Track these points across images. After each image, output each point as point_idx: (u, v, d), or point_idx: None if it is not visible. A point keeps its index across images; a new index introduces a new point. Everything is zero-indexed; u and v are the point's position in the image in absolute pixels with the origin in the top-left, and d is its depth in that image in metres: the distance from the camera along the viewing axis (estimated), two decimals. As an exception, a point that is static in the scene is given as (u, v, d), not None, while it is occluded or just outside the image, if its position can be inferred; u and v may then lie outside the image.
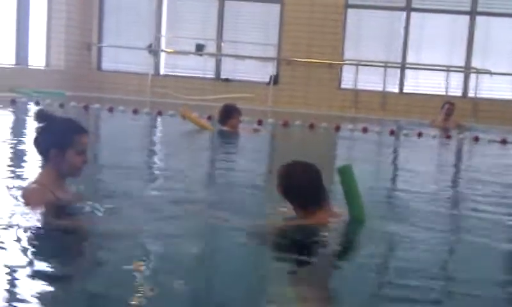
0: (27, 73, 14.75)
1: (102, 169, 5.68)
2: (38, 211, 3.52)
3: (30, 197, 3.64)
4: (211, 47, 16.32)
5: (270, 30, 16.07)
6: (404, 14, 15.78)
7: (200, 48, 16.14)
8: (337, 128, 10.86)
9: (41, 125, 3.79)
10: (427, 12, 15.74)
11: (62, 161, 3.69)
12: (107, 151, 7.10)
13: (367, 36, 15.98)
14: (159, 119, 11.16)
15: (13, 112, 10.69)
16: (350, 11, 15.86)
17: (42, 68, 15.60)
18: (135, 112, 11.30)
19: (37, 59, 15.41)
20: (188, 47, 16.15)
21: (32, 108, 11.27)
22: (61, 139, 3.69)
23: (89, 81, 15.92)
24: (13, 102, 11.39)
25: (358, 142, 10.14)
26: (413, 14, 15.76)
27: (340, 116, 13.81)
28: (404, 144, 10.19)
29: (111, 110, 11.35)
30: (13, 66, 14.43)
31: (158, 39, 16.47)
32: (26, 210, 3.55)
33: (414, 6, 15.72)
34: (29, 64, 15.09)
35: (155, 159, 7.17)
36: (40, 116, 3.80)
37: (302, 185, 3.67)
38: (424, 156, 9.05)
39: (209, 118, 10.18)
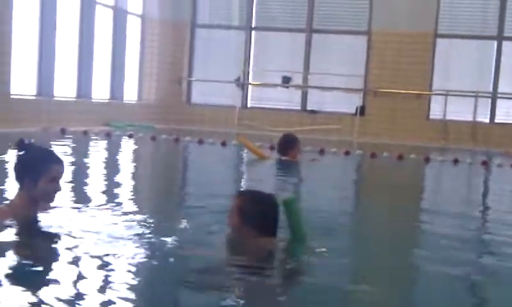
0: (121, 107, 15.33)
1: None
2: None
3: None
4: (297, 79, 16.45)
5: (357, 61, 16.05)
6: (496, 43, 15.42)
7: (286, 81, 16.31)
8: (427, 160, 10.66)
9: (19, 153, 3.98)
10: (519, 40, 15.34)
11: (34, 189, 3.88)
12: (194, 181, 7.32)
13: (456, 65, 15.70)
14: (245, 151, 11.27)
15: (107, 144, 11.16)
16: (439, 40, 15.64)
17: (134, 102, 16.18)
18: (223, 144, 11.50)
19: (130, 93, 16.00)
20: (275, 79, 16.35)
21: (125, 141, 11.69)
22: (33, 168, 3.87)
23: (179, 114, 16.35)
24: (108, 135, 11.85)
25: (449, 174, 9.92)
26: (504, 43, 15.37)
27: (429, 147, 13.54)
28: (498, 176, 9.89)
29: (200, 142, 11.61)
30: (107, 101, 15.04)
31: (245, 72, 16.77)
32: None
33: (506, 34, 15.34)
34: (124, 98, 15.69)
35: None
36: (18, 145, 3.99)
37: (268, 213, 3.81)
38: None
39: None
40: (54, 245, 3.68)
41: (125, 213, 4.65)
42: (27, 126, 11.25)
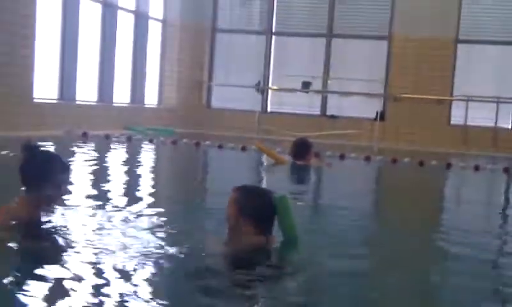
0: (141, 111, 15.42)
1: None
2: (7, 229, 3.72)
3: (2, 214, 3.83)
4: (317, 84, 16.44)
5: (377, 66, 16.01)
6: (518, 48, 15.32)
7: (306, 86, 16.31)
8: (448, 166, 10.60)
9: (26, 157, 3.94)
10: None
11: (40, 194, 3.88)
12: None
13: (477, 71, 15.59)
14: (264, 156, 11.26)
15: (128, 148, 11.23)
16: (460, 46, 15.56)
17: (155, 106, 16.27)
18: (243, 149, 11.51)
19: (150, 97, 16.10)
20: (295, 84, 16.36)
21: (146, 145, 11.75)
22: (42, 174, 3.87)
23: (199, 118, 16.40)
24: (128, 139, 11.91)
25: (471, 181, 9.84)
26: (527, 48, 15.27)
27: (450, 153, 13.46)
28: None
29: (220, 147, 11.65)
30: (128, 105, 15.14)
31: (265, 77, 16.79)
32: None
33: (528, 39, 15.24)
34: (145, 102, 15.79)
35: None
36: (25, 149, 3.95)
37: (264, 206, 3.86)
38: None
39: (316, 154, 10.16)
40: (61, 246, 3.70)
41: (139, 215, 4.73)
42: (49, 130, 11.35)
